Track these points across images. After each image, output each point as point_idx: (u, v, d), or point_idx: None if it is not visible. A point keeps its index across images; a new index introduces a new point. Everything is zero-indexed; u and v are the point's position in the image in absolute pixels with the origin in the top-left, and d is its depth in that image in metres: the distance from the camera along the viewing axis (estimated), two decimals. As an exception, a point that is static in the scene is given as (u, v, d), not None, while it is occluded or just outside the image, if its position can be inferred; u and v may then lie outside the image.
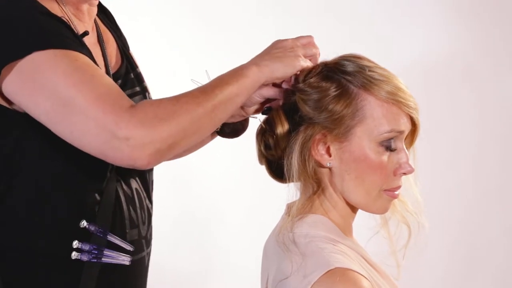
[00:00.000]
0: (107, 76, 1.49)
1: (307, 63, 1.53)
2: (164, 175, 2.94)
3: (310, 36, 1.59)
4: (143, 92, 1.70)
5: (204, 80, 1.56)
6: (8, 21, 1.47)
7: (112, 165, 1.56)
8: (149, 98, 1.71)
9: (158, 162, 1.47)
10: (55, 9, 1.55)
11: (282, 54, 1.53)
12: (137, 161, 1.43)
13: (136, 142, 1.41)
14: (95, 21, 1.68)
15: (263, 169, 1.60)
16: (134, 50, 1.87)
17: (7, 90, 1.46)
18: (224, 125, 1.73)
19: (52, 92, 1.43)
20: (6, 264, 1.53)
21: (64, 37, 1.48)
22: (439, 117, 3.35)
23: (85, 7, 1.62)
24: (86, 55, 1.49)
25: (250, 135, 1.60)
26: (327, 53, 1.56)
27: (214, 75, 1.73)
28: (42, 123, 1.47)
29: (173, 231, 2.95)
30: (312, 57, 1.56)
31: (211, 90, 1.48)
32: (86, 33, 1.56)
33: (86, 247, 1.54)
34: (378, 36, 3.23)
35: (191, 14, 2.99)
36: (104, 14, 1.76)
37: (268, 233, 1.60)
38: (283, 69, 1.52)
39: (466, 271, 3.44)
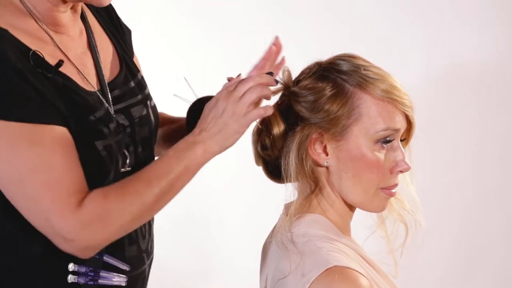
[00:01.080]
0: (65, 159, 1.45)
1: (256, 114, 1.49)
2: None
3: (247, 81, 1.50)
4: (145, 100, 1.67)
5: (185, 91, 1.57)
6: None
7: (108, 183, 1.54)
8: (151, 105, 1.68)
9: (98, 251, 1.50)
10: (33, 27, 1.51)
11: (223, 125, 1.49)
12: (78, 255, 1.47)
13: (78, 244, 1.45)
14: (87, 25, 1.63)
15: (261, 169, 1.60)
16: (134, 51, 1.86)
17: None
18: None
19: (7, 168, 1.43)
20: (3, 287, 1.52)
21: (27, 104, 1.43)
22: (439, 117, 3.34)
23: (63, 18, 1.56)
24: (55, 120, 1.45)
25: (248, 135, 1.60)
26: (327, 53, 1.56)
27: (212, 77, 1.74)
28: None
29: (173, 231, 2.95)
30: (262, 97, 1.51)
31: (156, 182, 1.48)
32: (60, 64, 1.50)
33: (82, 269, 1.54)
34: (378, 36, 3.23)
35: (191, 14, 2.99)
36: (105, 13, 1.70)
37: (267, 233, 1.60)
38: (233, 138, 1.51)
39: (466, 271, 3.44)
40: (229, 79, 1.56)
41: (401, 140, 1.51)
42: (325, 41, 3.05)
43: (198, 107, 1.67)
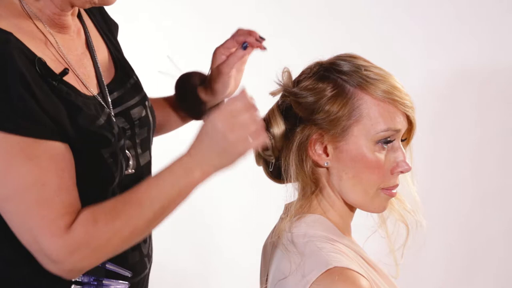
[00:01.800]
0: (58, 179, 1.42)
1: (260, 141, 1.43)
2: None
3: (241, 96, 1.43)
4: (143, 101, 1.66)
5: (169, 68, 1.55)
6: None
7: (112, 189, 1.54)
8: (149, 106, 1.68)
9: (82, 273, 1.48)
10: (34, 29, 1.50)
11: (226, 146, 1.41)
12: (62, 276, 1.44)
13: (64, 267, 1.41)
14: (84, 25, 1.63)
15: (262, 169, 1.60)
16: (135, 51, 1.86)
17: None
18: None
19: (1, 179, 1.40)
20: None
21: (28, 117, 1.40)
22: (439, 117, 3.34)
23: (67, 21, 1.56)
24: (54, 136, 1.42)
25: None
26: (326, 53, 1.56)
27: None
28: None
29: (173, 231, 2.95)
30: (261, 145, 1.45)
31: (149, 206, 1.43)
32: (65, 73, 1.48)
33: (86, 279, 1.53)
34: (378, 36, 3.23)
35: (190, 14, 2.99)
36: (98, 11, 1.70)
37: (267, 233, 1.60)
38: (231, 163, 1.44)
39: (466, 271, 3.44)
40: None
41: (402, 140, 1.51)
42: (325, 41, 3.05)
43: (183, 83, 1.74)
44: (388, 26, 3.27)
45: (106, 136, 1.51)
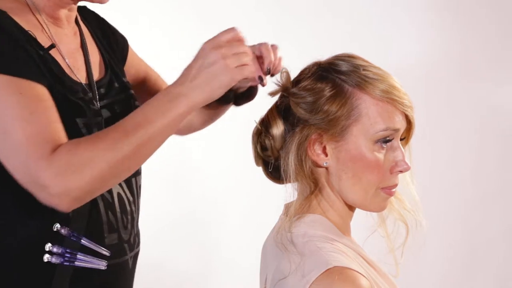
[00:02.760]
0: (46, 111, 1.47)
1: (246, 72, 1.47)
2: (165, 176, 2.95)
3: (232, 29, 1.49)
4: (129, 99, 1.69)
5: None
6: None
7: None
8: (135, 105, 1.70)
9: (80, 205, 1.48)
10: (29, 19, 1.55)
11: (212, 76, 1.45)
12: (57, 206, 1.45)
13: (53, 191, 1.42)
14: (81, 30, 1.68)
15: (261, 170, 1.60)
16: (135, 50, 1.87)
17: None
18: (236, 95, 1.73)
19: None
20: None
21: (18, 60, 1.48)
22: (438, 116, 3.35)
23: (62, 13, 1.62)
24: (40, 80, 1.48)
25: (248, 136, 1.60)
26: (326, 53, 1.55)
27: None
28: None
29: (173, 231, 2.95)
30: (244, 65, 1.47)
31: (133, 130, 1.44)
32: (52, 46, 1.54)
33: (59, 250, 1.54)
34: (377, 36, 3.23)
35: (190, 14, 2.99)
36: (94, 22, 1.75)
37: (267, 233, 1.60)
38: (218, 93, 1.47)
39: (466, 270, 3.44)
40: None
41: (401, 140, 1.51)
42: (324, 41, 3.05)
43: None
44: (387, 26, 3.27)
45: (82, 107, 1.54)
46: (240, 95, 1.74)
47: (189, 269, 3.04)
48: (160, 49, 2.90)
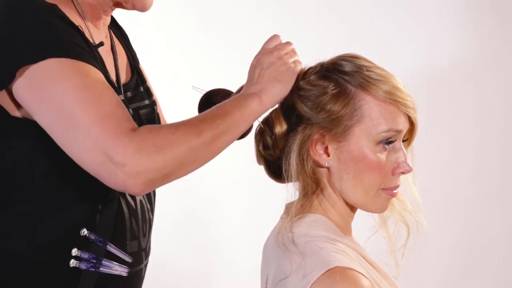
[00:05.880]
0: (115, 95, 1.47)
1: (300, 67, 1.54)
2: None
3: (275, 36, 1.58)
4: (152, 105, 1.70)
5: (204, 87, 1.56)
6: (25, 21, 1.46)
7: None
8: (158, 112, 1.71)
9: (151, 190, 1.48)
10: (74, 16, 1.56)
11: (276, 73, 1.51)
12: (130, 188, 1.43)
13: (130, 169, 1.40)
14: (109, 30, 1.69)
15: (262, 169, 1.60)
16: (135, 50, 1.87)
17: (17, 94, 1.46)
18: None
19: (58, 105, 1.42)
20: (2, 268, 1.52)
21: (79, 47, 1.47)
22: (439, 117, 3.35)
23: (101, 15, 1.64)
24: (99, 69, 1.49)
25: (250, 135, 1.61)
26: (327, 53, 1.56)
27: (214, 76, 1.74)
28: (47, 132, 1.46)
29: (173, 231, 2.95)
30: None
31: (211, 120, 1.46)
32: (101, 44, 1.56)
33: (85, 255, 1.53)
34: (378, 36, 3.23)
35: (191, 14, 2.99)
36: (116, 28, 1.77)
37: (267, 233, 1.60)
38: (285, 88, 1.51)
39: (466, 271, 3.44)
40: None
41: (403, 141, 1.51)
42: (325, 41, 3.05)
43: (208, 100, 1.69)
44: (388, 26, 3.27)
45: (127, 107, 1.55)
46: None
47: (189, 269, 3.04)
48: (161, 49, 2.91)
